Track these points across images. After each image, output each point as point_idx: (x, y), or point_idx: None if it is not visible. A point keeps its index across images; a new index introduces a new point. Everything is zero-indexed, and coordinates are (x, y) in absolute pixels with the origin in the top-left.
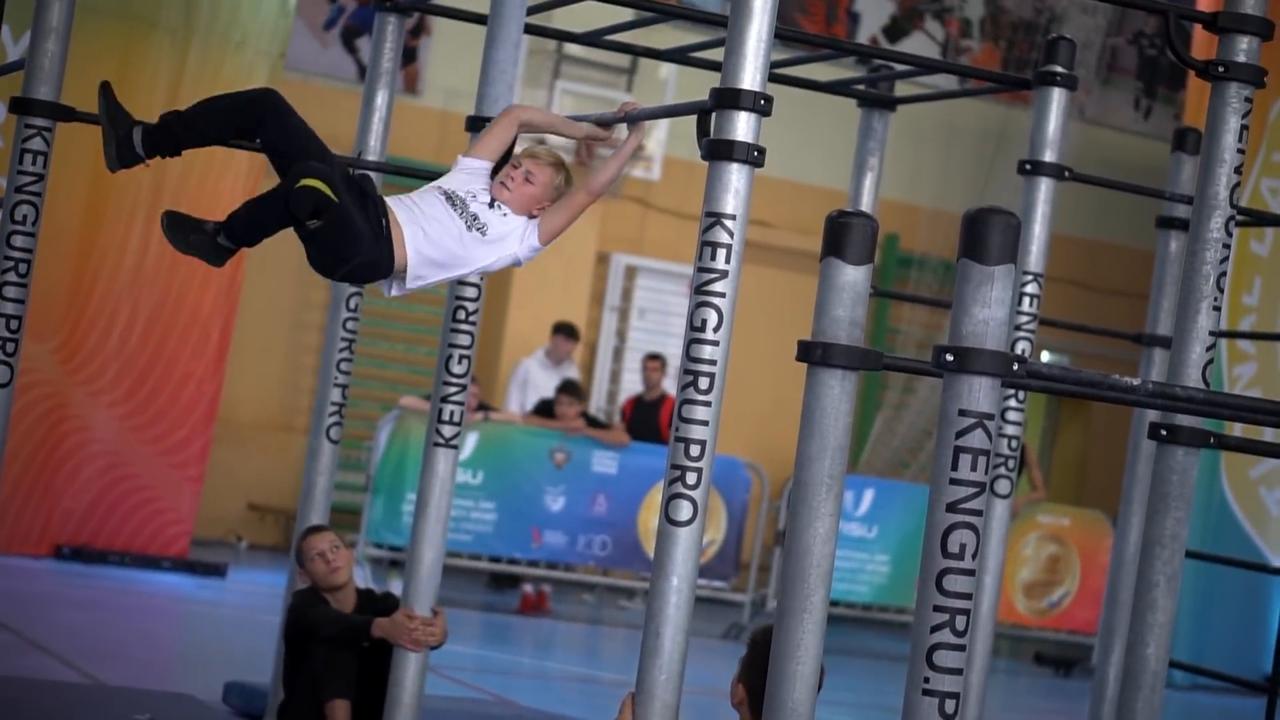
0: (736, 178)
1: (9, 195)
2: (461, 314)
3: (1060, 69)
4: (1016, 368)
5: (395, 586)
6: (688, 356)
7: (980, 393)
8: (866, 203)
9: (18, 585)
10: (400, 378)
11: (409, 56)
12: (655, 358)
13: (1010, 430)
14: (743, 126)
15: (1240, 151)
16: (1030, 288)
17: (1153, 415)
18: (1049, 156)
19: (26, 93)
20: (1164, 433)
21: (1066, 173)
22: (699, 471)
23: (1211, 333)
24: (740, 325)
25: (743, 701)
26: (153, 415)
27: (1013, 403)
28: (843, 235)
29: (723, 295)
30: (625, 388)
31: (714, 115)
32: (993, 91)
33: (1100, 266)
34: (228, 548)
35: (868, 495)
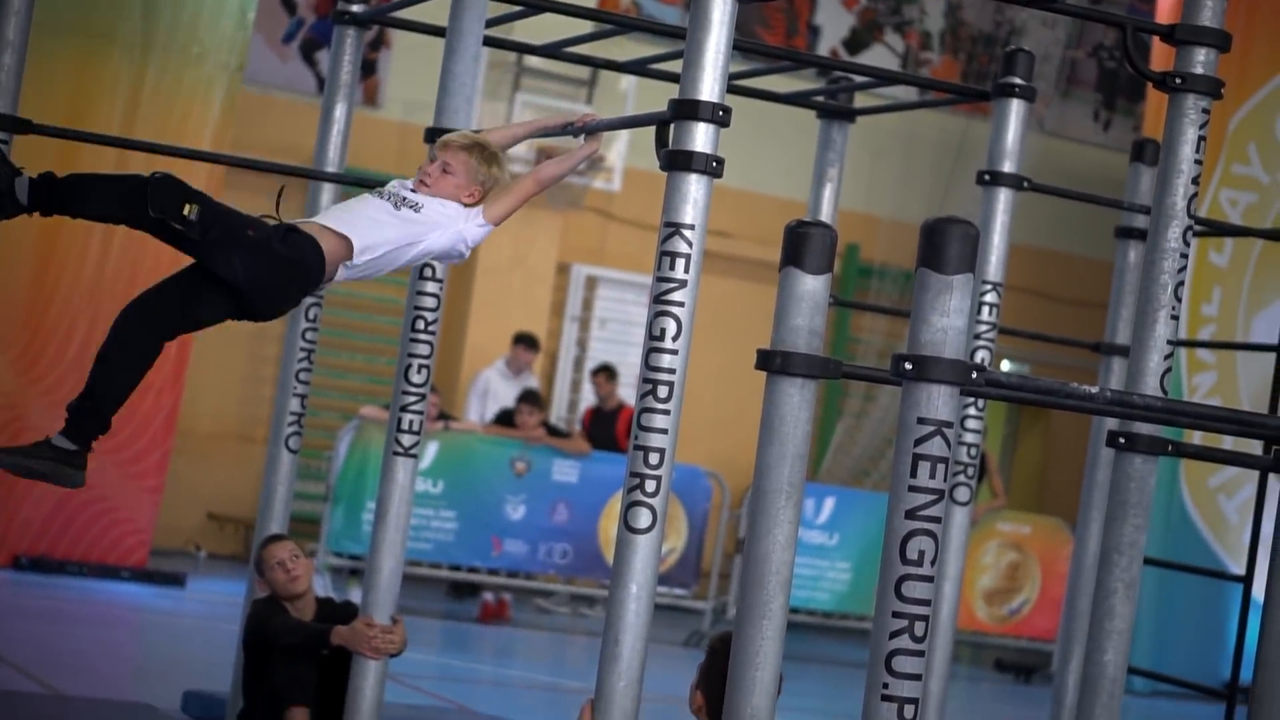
0: (695, 188)
1: None
2: (420, 324)
3: (1019, 80)
4: (975, 376)
5: (355, 595)
6: (647, 365)
7: (939, 401)
8: (826, 213)
9: None
10: (360, 388)
11: (368, 69)
12: (601, 370)
13: (970, 438)
14: (701, 137)
15: (1198, 162)
16: (989, 297)
17: (1111, 423)
18: (1008, 167)
19: None
20: (1122, 440)
21: (1025, 183)
22: (658, 479)
23: (1169, 341)
24: (700, 335)
25: (701, 708)
26: (112, 426)
27: (972, 410)
28: (802, 245)
29: (681, 305)
30: (586, 397)
31: (672, 126)
32: (952, 103)
33: (1058, 276)
34: (187, 557)
35: (828, 503)
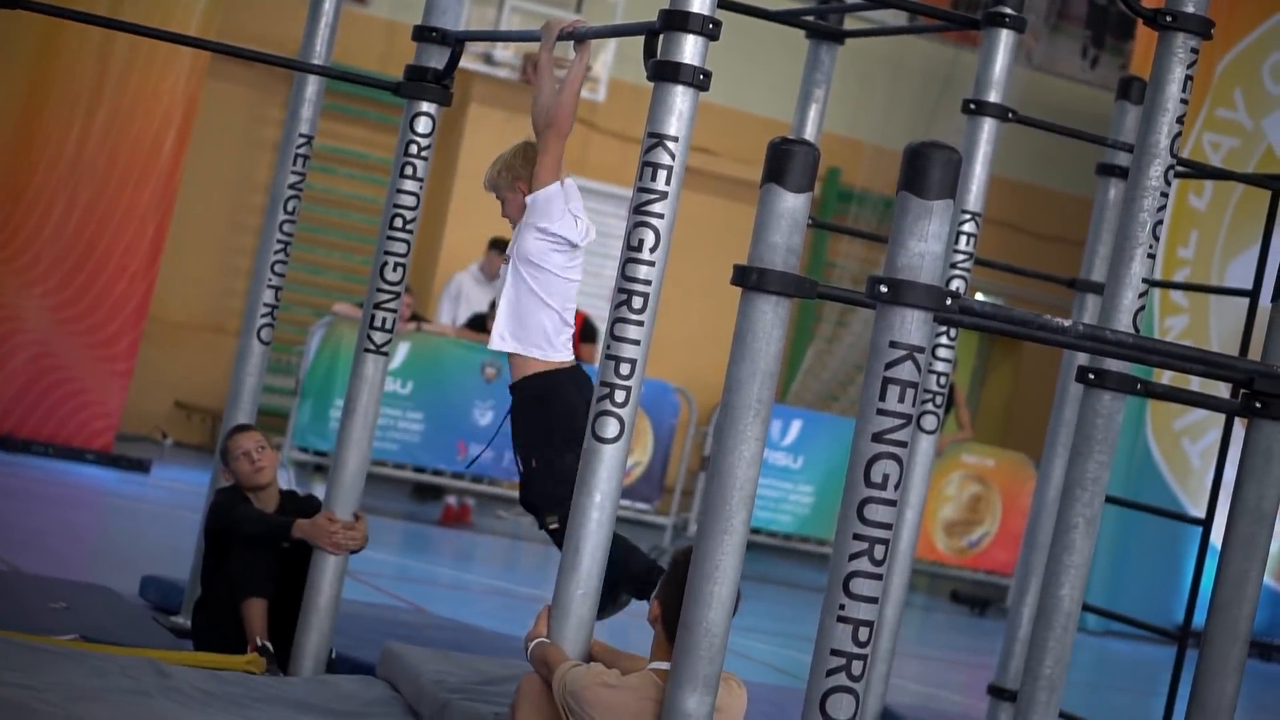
0: (681, 100)
1: None
2: (399, 221)
3: (1010, 11)
4: (950, 303)
5: (318, 490)
6: (623, 275)
7: (912, 325)
8: (810, 134)
9: None
10: (335, 284)
11: None
12: None
13: (940, 367)
14: (690, 49)
15: (1184, 102)
16: (968, 226)
17: (1082, 359)
18: (994, 97)
19: None
20: (1092, 376)
21: (1010, 114)
22: (628, 390)
23: (1145, 280)
24: (675, 250)
25: (657, 618)
26: (84, 308)
27: (944, 339)
28: (784, 162)
29: (661, 216)
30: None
31: (661, 37)
32: (942, 29)
33: (1037, 211)
34: (153, 444)
35: (795, 426)
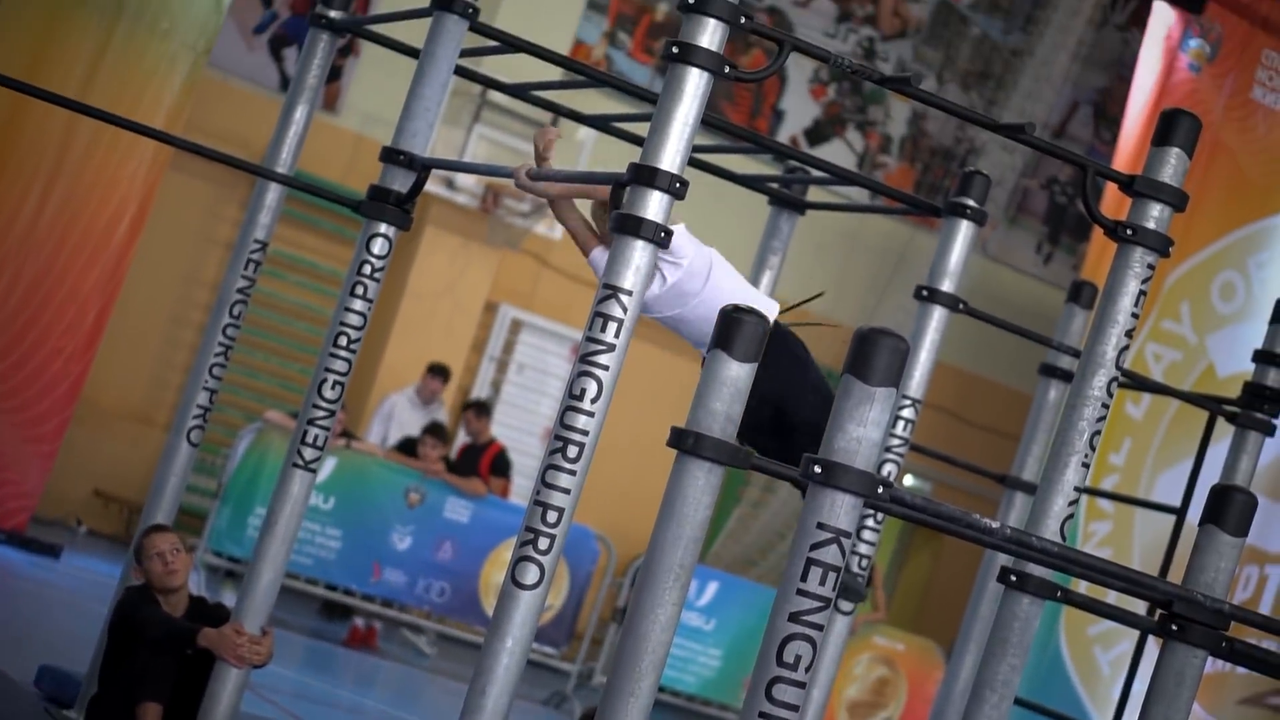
0: (640, 255)
1: None
2: (343, 340)
3: (973, 202)
4: (881, 491)
5: (227, 598)
6: (561, 423)
7: (841, 509)
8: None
9: None
10: (268, 390)
11: (332, 75)
12: (470, 406)
13: (864, 549)
14: (654, 205)
15: (1134, 315)
16: (907, 412)
17: (1004, 559)
18: (947, 286)
19: None
20: (1013, 579)
21: (961, 305)
22: (552, 538)
23: (1076, 488)
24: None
25: None
26: (15, 385)
27: (870, 523)
28: (734, 331)
29: (606, 368)
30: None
31: (628, 189)
32: (903, 212)
33: (973, 400)
34: (67, 530)
35: (711, 587)
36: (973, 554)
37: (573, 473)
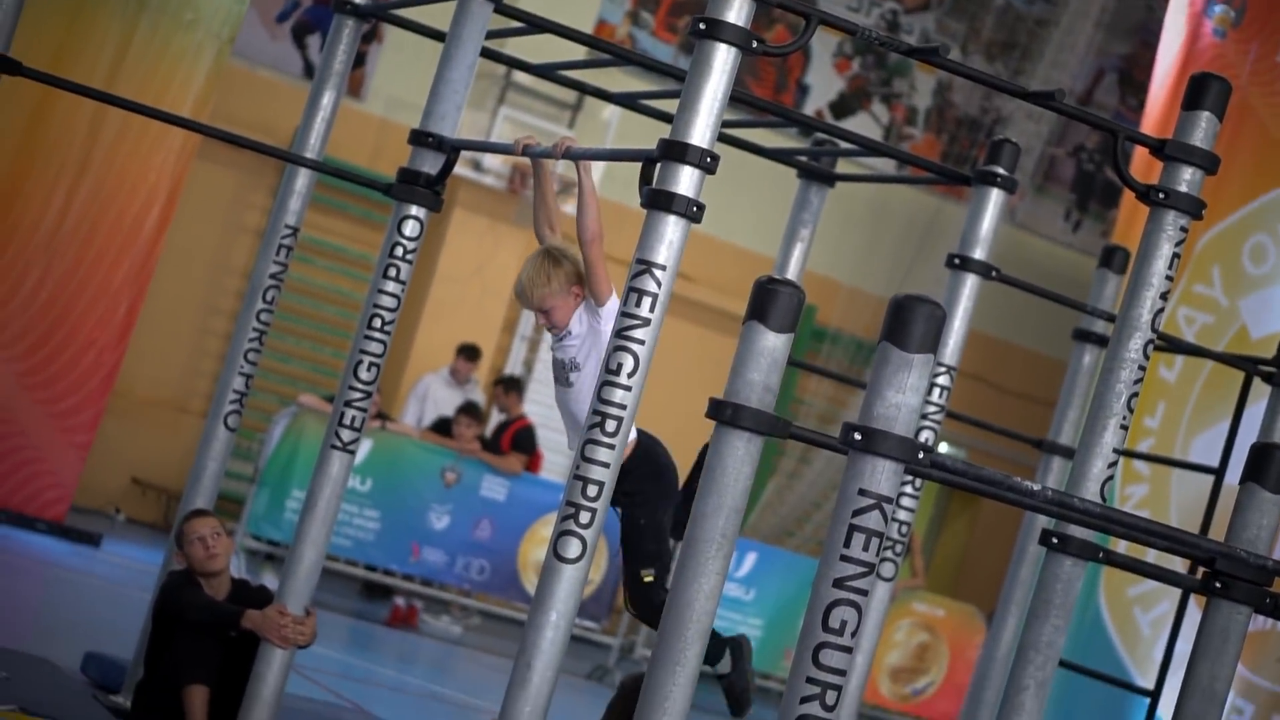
0: (672, 230)
1: None
2: (377, 322)
3: (1002, 170)
4: (921, 456)
5: (268, 580)
6: (599, 398)
7: (882, 475)
8: (793, 272)
9: None
10: (302, 374)
11: (357, 61)
12: (499, 383)
13: (903, 515)
14: (686, 180)
15: (1169, 278)
16: (942, 379)
17: (1045, 522)
18: (979, 254)
19: None
20: (1055, 541)
21: (994, 272)
22: (593, 512)
23: (1115, 450)
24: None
25: None
26: (49, 376)
27: (909, 489)
28: (769, 301)
29: (642, 343)
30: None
31: (659, 165)
32: (931, 182)
33: (1006, 367)
34: (105, 519)
35: (750, 558)
36: (1009, 520)
37: (611, 446)
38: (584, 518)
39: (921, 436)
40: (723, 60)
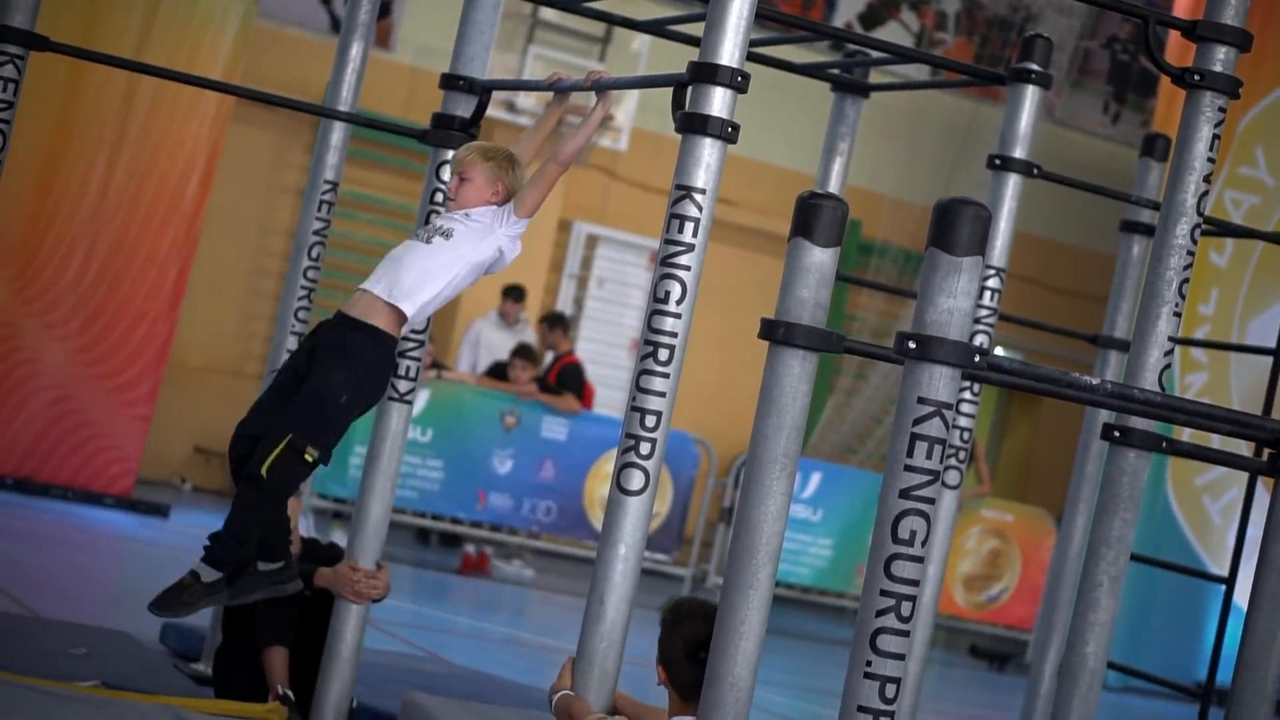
0: (709, 152)
1: None
2: None
3: (1035, 66)
4: (978, 359)
5: (338, 538)
6: (649, 328)
7: (940, 382)
8: (834, 187)
9: None
10: None
11: (383, 11)
12: (543, 320)
13: (963, 422)
14: (718, 102)
15: (1210, 160)
16: (992, 282)
17: (1106, 416)
18: (1019, 153)
19: (1, 20)
20: (1117, 434)
21: (1035, 170)
22: (653, 442)
23: (1170, 338)
24: (696, 301)
25: (665, 680)
26: (104, 352)
27: (967, 395)
28: (813, 217)
29: (688, 269)
30: (580, 355)
31: (690, 89)
32: (966, 84)
33: (1054, 266)
34: (172, 489)
35: (814, 478)
36: (1072, 418)
37: (665, 375)
38: (644, 449)
39: (976, 340)
40: None
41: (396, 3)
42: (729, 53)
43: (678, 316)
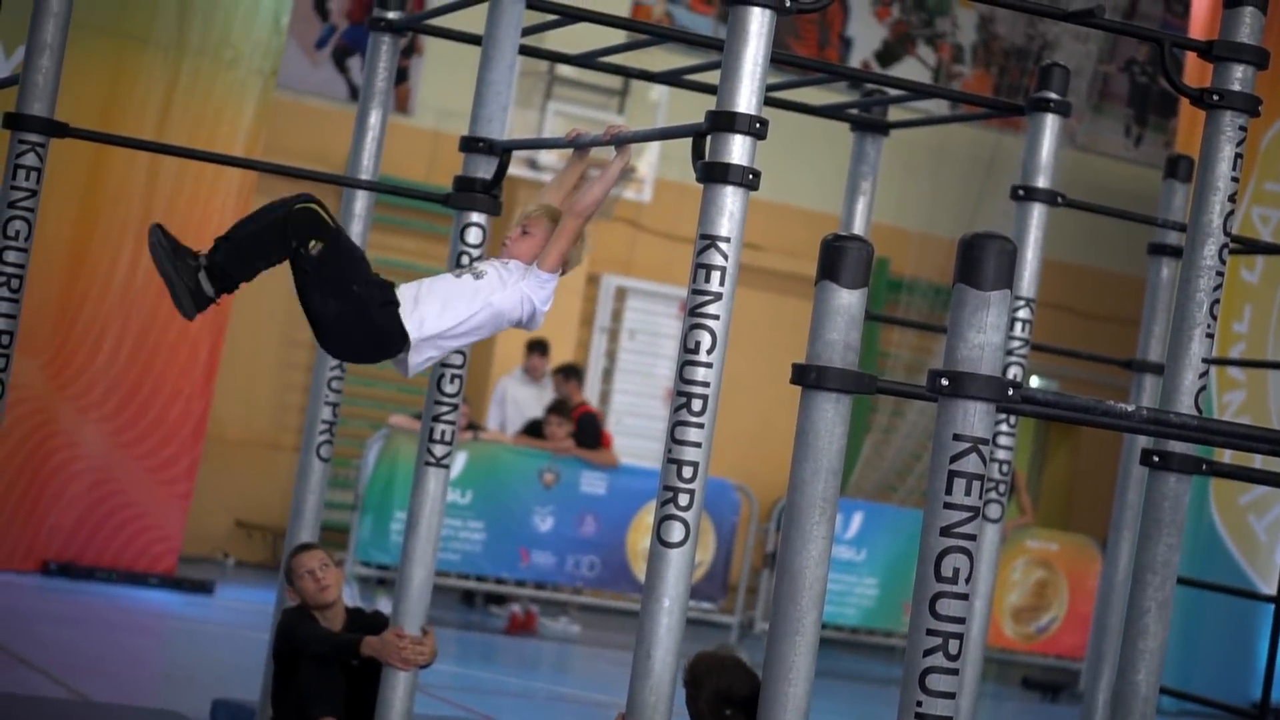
0: (731, 200)
1: (2, 211)
2: None
3: (1054, 95)
4: (1011, 393)
5: (383, 605)
6: (681, 379)
7: (975, 417)
8: (859, 226)
9: (5, 601)
10: (389, 396)
11: (400, 76)
12: (558, 371)
13: (1001, 455)
14: (738, 149)
15: (1234, 179)
16: (1022, 313)
17: (1144, 441)
18: (1042, 182)
19: (20, 109)
20: (1156, 459)
21: (1059, 198)
22: (691, 493)
23: (1204, 360)
24: (728, 347)
25: None
26: (141, 432)
27: (1004, 427)
28: (838, 259)
29: (716, 318)
30: (615, 408)
31: (709, 138)
32: (986, 117)
33: (1086, 292)
34: (215, 565)
35: (856, 518)
36: (1112, 443)
37: (700, 425)
38: (683, 500)
39: (1009, 373)
40: (758, 23)
41: (414, 67)
42: (746, 100)
43: (709, 366)
